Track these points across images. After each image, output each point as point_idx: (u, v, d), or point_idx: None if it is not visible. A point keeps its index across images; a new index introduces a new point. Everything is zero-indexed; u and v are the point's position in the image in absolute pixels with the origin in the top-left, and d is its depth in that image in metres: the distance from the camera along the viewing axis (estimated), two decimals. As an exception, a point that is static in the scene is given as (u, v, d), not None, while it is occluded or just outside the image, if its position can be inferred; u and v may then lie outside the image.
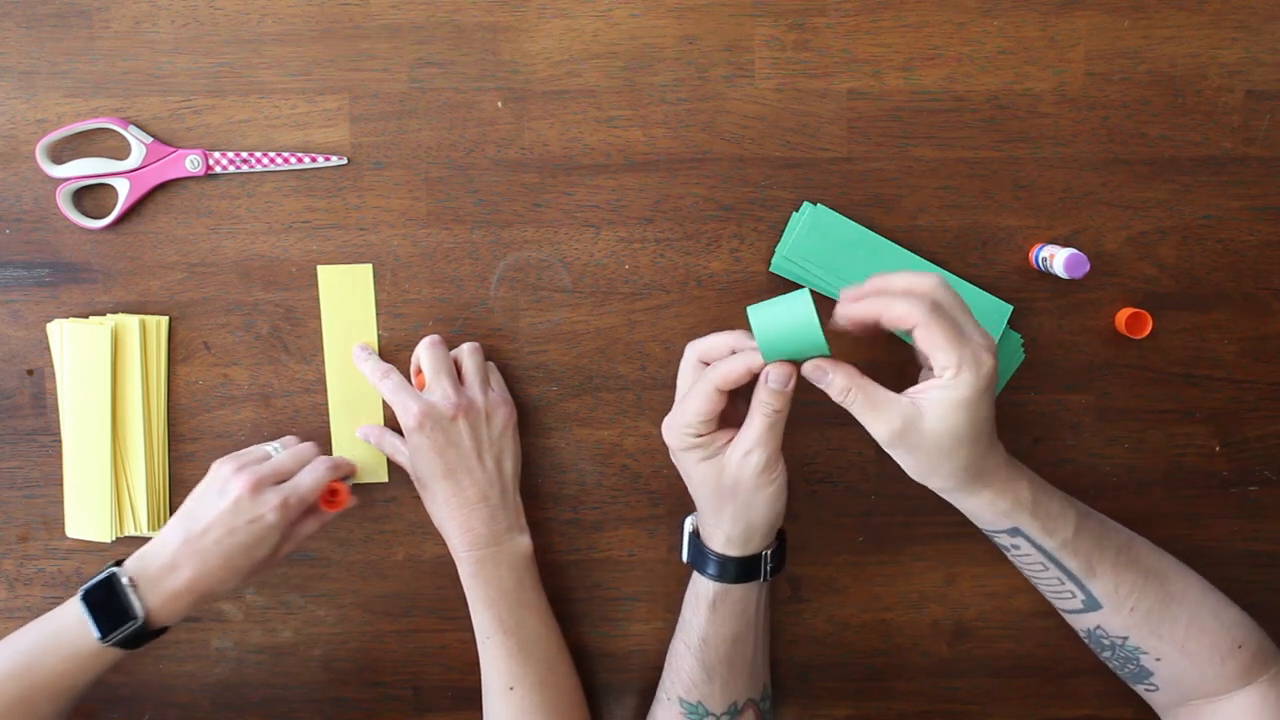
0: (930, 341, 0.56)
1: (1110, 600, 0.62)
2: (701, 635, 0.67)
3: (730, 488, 0.62)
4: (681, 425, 0.62)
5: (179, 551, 0.63)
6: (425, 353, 0.70)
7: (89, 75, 0.71)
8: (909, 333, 0.57)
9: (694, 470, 0.63)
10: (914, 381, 0.59)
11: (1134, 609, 0.62)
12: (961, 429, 0.56)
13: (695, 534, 0.68)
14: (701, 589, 0.66)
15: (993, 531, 0.62)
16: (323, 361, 0.73)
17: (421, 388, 0.69)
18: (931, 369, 0.58)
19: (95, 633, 0.62)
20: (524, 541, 0.70)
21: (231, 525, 0.63)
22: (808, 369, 0.59)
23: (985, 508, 0.60)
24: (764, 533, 0.65)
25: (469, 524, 0.68)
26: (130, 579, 0.63)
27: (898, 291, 0.57)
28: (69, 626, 0.63)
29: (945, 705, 0.77)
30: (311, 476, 0.66)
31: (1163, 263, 0.73)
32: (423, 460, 0.68)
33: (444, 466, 0.68)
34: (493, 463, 0.69)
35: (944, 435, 0.57)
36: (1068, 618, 0.66)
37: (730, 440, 0.62)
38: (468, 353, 0.71)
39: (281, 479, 0.66)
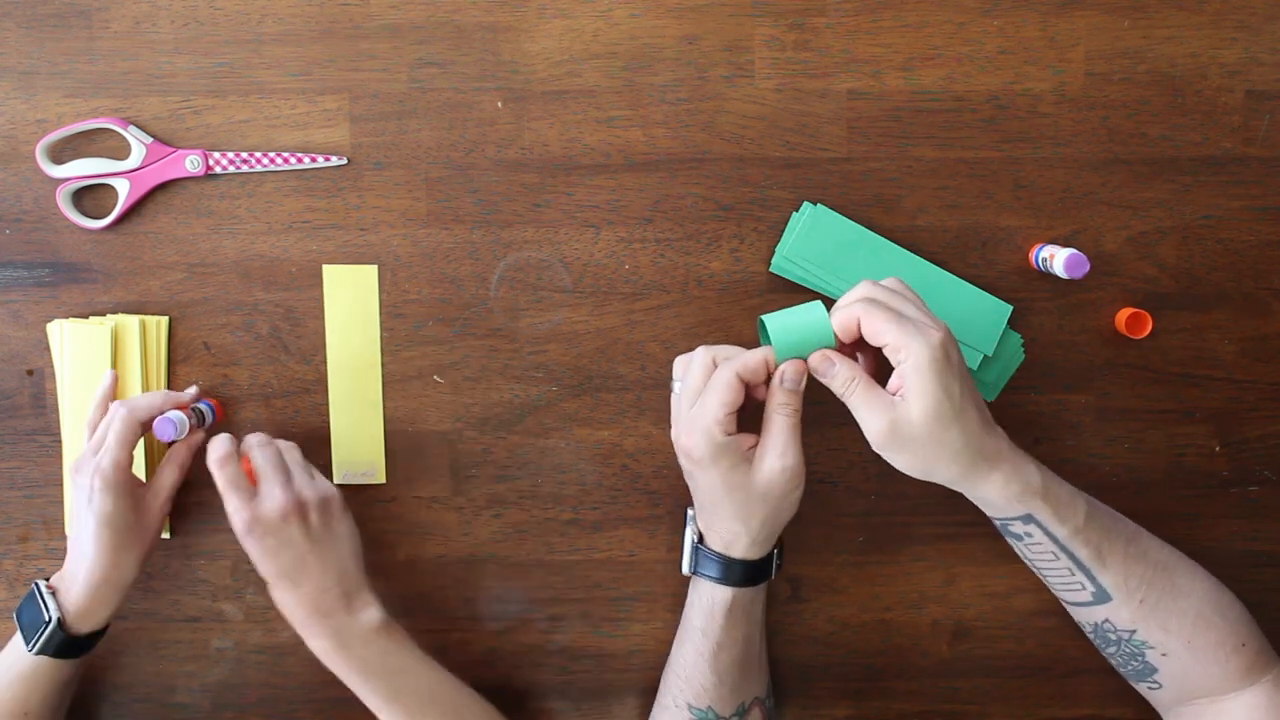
0: (873, 331, 0.58)
1: (1120, 592, 0.62)
2: (717, 642, 0.66)
3: (763, 494, 0.62)
4: (712, 422, 0.61)
5: (70, 562, 0.67)
6: (254, 454, 0.67)
7: (89, 75, 0.71)
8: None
9: (725, 478, 0.62)
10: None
11: (1143, 601, 0.62)
12: (941, 406, 0.57)
13: (699, 542, 0.68)
14: (717, 597, 0.66)
15: (1006, 520, 0.62)
16: (323, 361, 0.73)
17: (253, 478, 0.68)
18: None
19: (24, 644, 0.65)
20: (372, 614, 0.67)
21: (81, 514, 0.66)
22: (814, 360, 0.60)
23: (997, 492, 0.60)
24: (780, 530, 0.66)
25: (313, 616, 0.66)
26: (49, 586, 0.67)
27: (839, 305, 0.60)
28: (11, 647, 0.67)
29: (945, 705, 0.77)
30: (111, 434, 0.66)
31: (1163, 263, 0.73)
32: (258, 561, 0.66)
33: (278, 568, 0.66)
34: (328, 553, 0.67)
35: (929, 419, 0.57)
36: (1075, 612, 0.65)
37: (751, 447, 0.63)
38: (285, 449, 0.69)
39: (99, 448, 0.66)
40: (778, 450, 0.61)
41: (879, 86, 0.71)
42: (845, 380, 0.59)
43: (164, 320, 0.72)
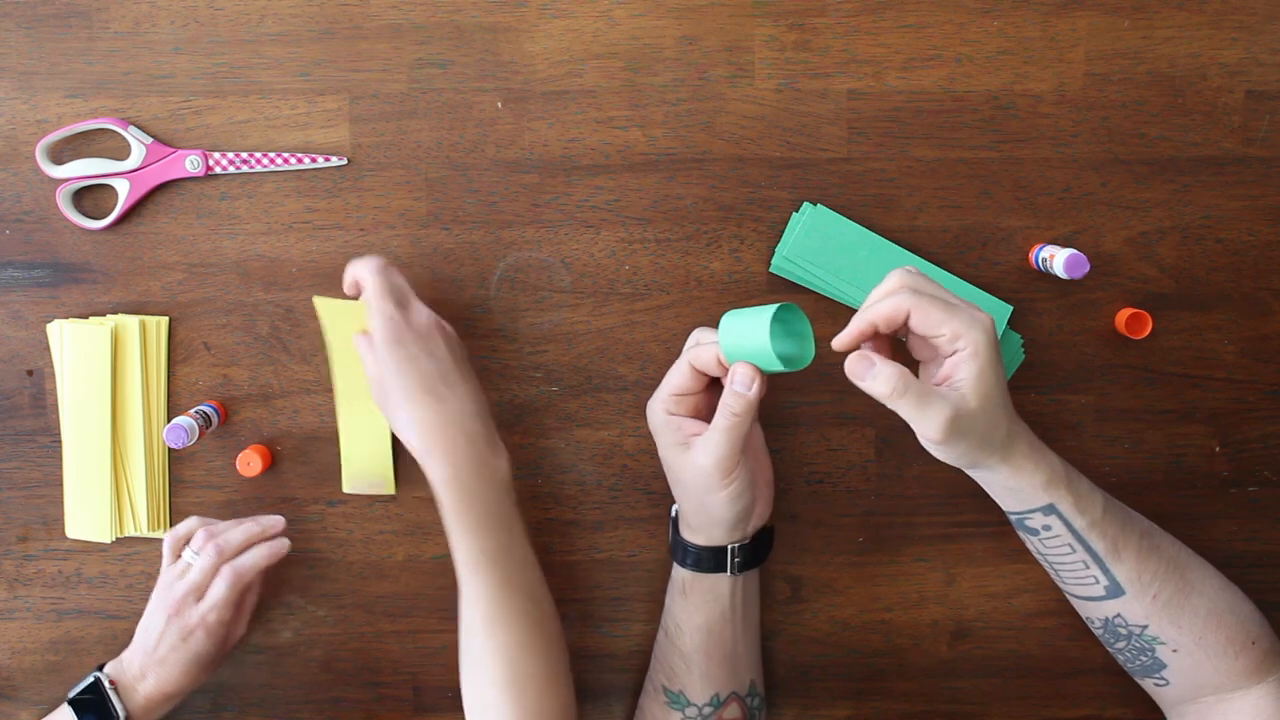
0: (927, 321, 0.56)
1: (1133, 586, 0.62)
2: (675, 621, 0.68)
3: (686, 481, 0.64)
4: (656, 399, 0.65)
5: (143, 662, 0.67)
6: (391, 274, 0.66)
7: (89, 75, 0.71)
8: (903, 337, 0.59)
9: (664, 453, 0.65)
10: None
11: (1156, 596, 0.62)
12: (995, 393, 0.57)
13: (675, 520, 0.69)
14: (675, 575, 0.68)
15: (1026, 512, 0.61)
16: (323, 361, 0.73)
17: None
18: (926, 362, 0.59)
19: None
20: (505, 464, 0.66)
21: (173, 642, 0.66)
22: (850, 365, 0.58)
23: (1025, 480, 0.59)
24: (727, 528, 0.65)
25: (453, 444, 0.64)
26: (111, 681, 0.66)
27: (878, 298, 0.58)
28: None
29: (945, 705, 0.77)
30: (222, 591, 0.66)
31: (1163, 263, 0.73)
32: (401, 373, 0.63)
33: (424, 378, 0.63)
34: (470, 381, 0.66)
35: (988, 407, 0.56)
36: (1085, 607, 0.65)
37: (695, 434, 0.64)
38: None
39: (201, 592, 0.66)
40: (706, 446, 0.62)
41: (879, 86, 0.71)
42: (893, 382, 0.56)
43: (164, 320, 0.72)
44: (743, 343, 0.60)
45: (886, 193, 0.72)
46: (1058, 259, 0.67)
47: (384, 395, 0.65)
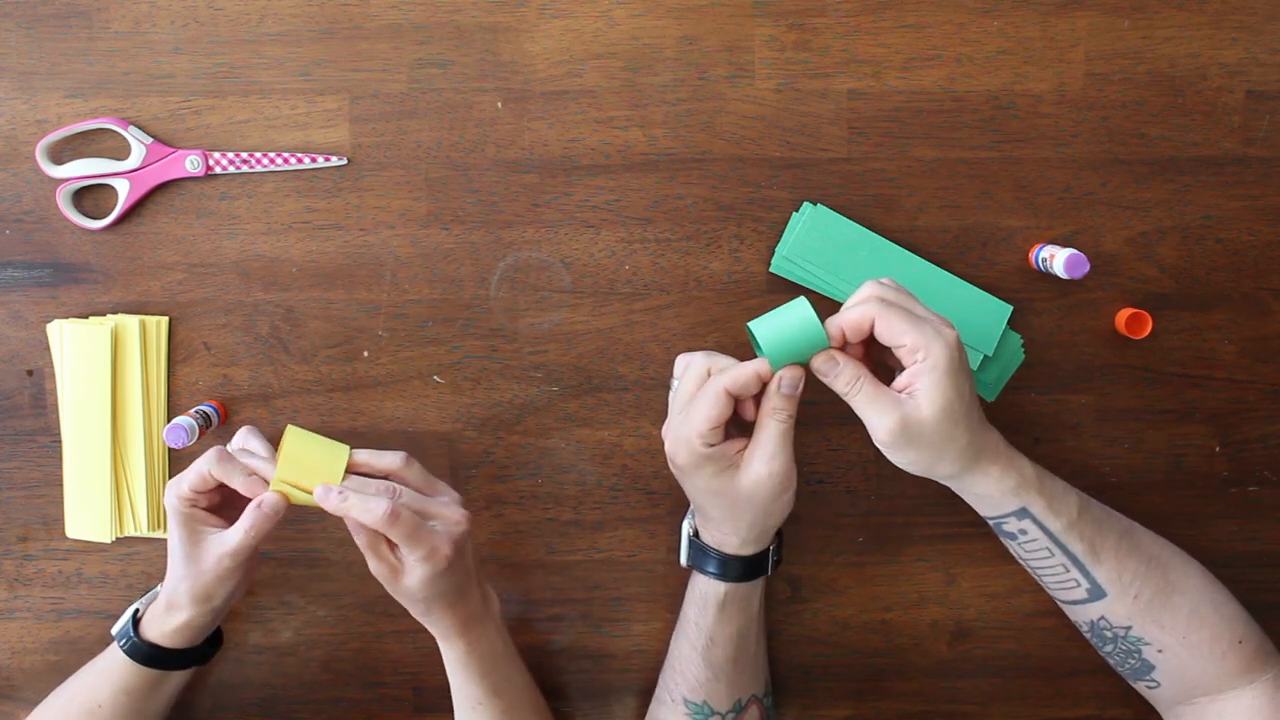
0: (891, 330, 0.58)
1: (1114, 587, 0.62)
2: (709, 636, 0.67)
3: (748, 497, 0.62)
4: (694, 434, 0.60)
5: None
6: (415, 468, 0.65)
7: (89, 75, 0.71)
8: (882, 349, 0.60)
9: (709, 484, 0.62)
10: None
11: (1137, 596, 0.62)
12: (954, 405, 0.57)
13: (695, 537, 0.68)
14: (710, 590, 0.66)
15: (1000, 517, 0.62)
16: (323, 361, 0.73)
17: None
18: (902, 369, 0.59)
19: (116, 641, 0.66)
20: (496, 602, 0.69)
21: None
22: (818, 360, 0.60)
23: (993, 486, 0.60)
24: (774, 531, 0.66)
25: (468, 611, 0.66)
26: (158, 588, 0.67)
27: (849, 305, 0.60)
28: (112, 649, 0.67)
29: (945, 705, 0.77)
30: (192, 468, 0.63)
31: (1163, 263, 0.73)
32: (451, 579, 0.63)
33: (464, 581, 0.65)
34: (472, 557, 0.66)
35: (941, 418, 0.57)
36: (1071, 611, 0.65)
37: (740, 450, 0.62)
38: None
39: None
40: (766, 455, 0.61)
41: (879, 86, 0.71)
42: (850, 380, 0.59)
43: (164, 320, 0.72)
44: (794, 343, 0.59)
45: (886, 193, 0.72)
46: (1058, 259, 0.68)
47: (430, 591, 0.63)
